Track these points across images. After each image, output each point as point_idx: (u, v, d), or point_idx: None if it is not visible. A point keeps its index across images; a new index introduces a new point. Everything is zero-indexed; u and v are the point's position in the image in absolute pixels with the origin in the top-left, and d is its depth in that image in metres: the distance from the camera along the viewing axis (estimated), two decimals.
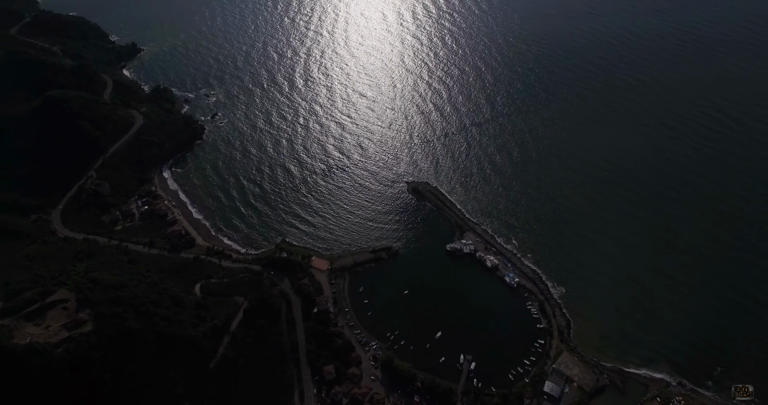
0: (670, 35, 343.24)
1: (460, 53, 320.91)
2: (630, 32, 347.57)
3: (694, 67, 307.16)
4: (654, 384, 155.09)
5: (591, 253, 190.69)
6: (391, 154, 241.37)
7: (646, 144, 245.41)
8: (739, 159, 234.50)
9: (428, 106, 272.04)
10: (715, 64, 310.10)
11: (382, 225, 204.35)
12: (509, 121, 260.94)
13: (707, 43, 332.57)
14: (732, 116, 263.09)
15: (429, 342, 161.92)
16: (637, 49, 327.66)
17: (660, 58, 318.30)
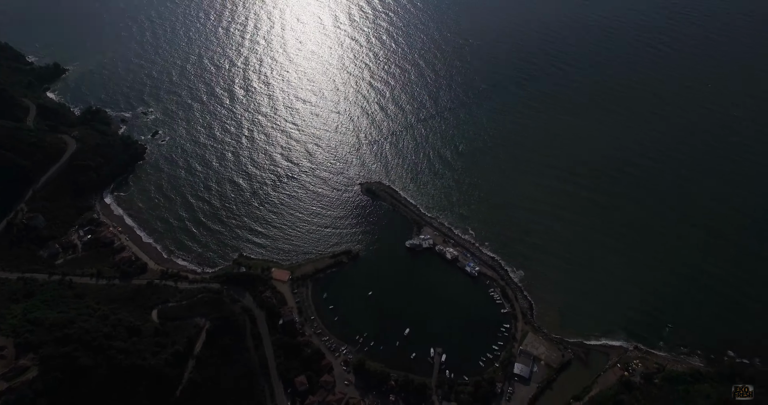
0: (598, 23, 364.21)
1: (399, 52, 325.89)
2: (562, 22, 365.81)
3: (629, 53, 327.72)
4: (614, 352, 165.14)
5: (545, 237, 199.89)
6: (341, 158, 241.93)
7: (589, 128, 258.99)
8: (682, 141, 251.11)
9: (373, 107, 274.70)
10: (653, 48, 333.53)
11: (339, 230, 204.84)
12: (453, 115, 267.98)
13: (635, 29, 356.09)
14: (673, 100, 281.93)
15: (398, 340, 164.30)
16: (571, 38, 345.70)
17: (593, 44, 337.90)
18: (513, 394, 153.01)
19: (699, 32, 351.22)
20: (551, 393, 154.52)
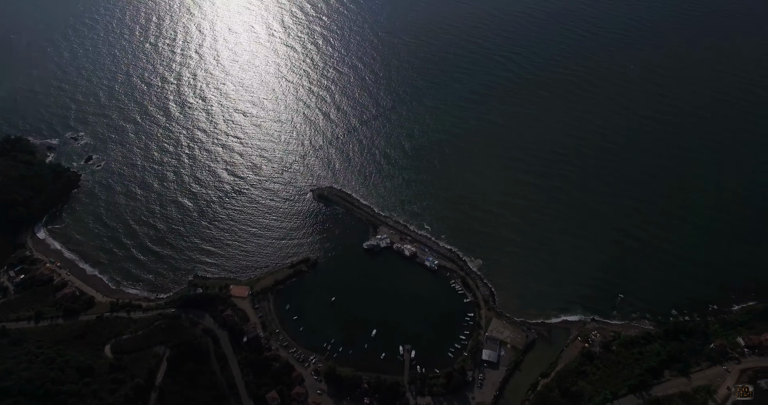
0: (531, 14, 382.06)
1: (336, 56, 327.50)
2: (492, 14, 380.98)
3: (560, 42, 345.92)
4: (573, 327, 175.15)
5: (497, 225, 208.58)
6: (289, 167, 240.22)
7: (528, 116, 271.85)
8: (610, 121, 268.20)
9: (315, 113, 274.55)
10: (582, 35, 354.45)
11: (296, 240, 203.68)
12: (395, 114, 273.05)
13: (565, 18, 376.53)
14: (601, 83, 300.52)
15: (366, 342, 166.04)
16: (502, 30, 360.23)
17: (527, 35, 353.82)
18: (484, 379, 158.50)
19: (625, 19, 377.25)
20: (520, 374, 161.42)
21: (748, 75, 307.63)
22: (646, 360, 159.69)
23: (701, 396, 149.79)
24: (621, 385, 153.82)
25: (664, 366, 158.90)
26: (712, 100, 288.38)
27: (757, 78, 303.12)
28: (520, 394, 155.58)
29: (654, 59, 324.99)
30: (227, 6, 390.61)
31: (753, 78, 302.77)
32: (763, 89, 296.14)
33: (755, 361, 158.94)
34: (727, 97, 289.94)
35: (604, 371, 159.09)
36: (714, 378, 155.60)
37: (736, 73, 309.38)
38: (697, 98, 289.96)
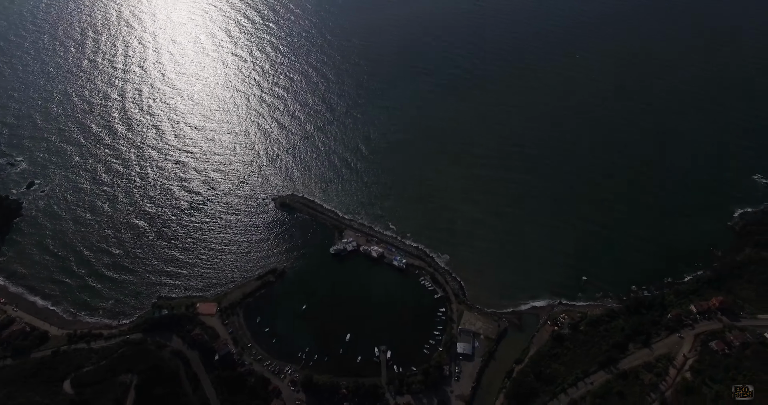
0: (479, 11, 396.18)
1: (286, 62, 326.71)
2: (440, 13, 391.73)
3: (509, 37, 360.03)
4: (542, 311, 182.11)
5: (461, 220, 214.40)
6: (247, 179, 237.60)
7: (479, 110, 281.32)
8: (561, 112, 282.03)
9: (269, 122, 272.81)
10: (531, 29, 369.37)
11: (261, 251, 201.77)
12: (350, 118, 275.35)
13: (511, 13, 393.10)
14: (549, 76, 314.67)
15: (341, 347, 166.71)
16: (451, 28, 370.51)
17: (472, 31, 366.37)
18: (461, 372, 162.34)
19: (569, 12, 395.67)
20: (495, 363, 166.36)
21: (683, 62, 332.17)
22: (612, 336, 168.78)
23: (662, 364, 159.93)
24: (591, 363, 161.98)
25: (629, 340, 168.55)
26: (656, 87, 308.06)
27: (688, 65, 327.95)
28: (497, 383, 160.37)
29: (600, 48, 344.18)
30: (169, 18, 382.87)
31: (684, 64, 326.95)
32: (697, 77, 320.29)
33: (706, 325, 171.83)
34: (669, 84, 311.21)
35: (574, 351, 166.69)
36: (672, 346, 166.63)
37: (676, 62, 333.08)
38: (641, 86, 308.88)
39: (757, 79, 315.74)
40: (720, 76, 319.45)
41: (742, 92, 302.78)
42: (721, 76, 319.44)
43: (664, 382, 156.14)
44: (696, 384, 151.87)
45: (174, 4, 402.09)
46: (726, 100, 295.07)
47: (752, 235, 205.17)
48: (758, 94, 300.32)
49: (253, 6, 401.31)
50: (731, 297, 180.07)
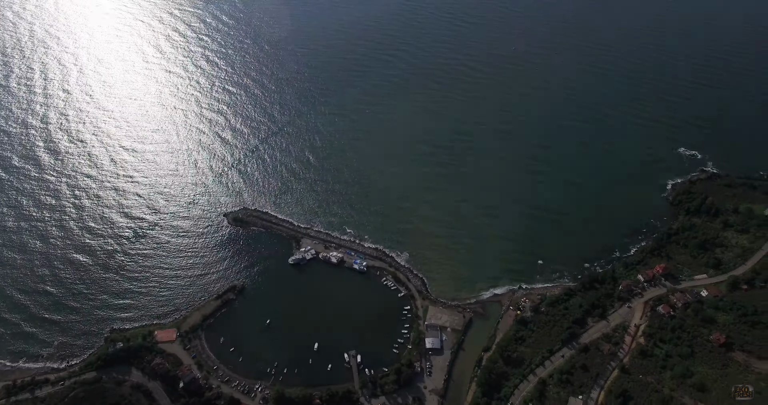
0: (411, 10, 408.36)
1: (223, 75, 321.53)
2: (373, 15, 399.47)
3: (442, 32, 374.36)
4: (504, 298, 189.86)
5: (416, 217, 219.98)
6: (194, 198, 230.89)
7: (422, 108, 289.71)
8: (504, 100, 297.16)
9: (211, 137, 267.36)
10: (461, 24, 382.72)
11: (218, 270, 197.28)
12: (294, 127, 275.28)
13: (442, 10, 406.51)
14: (484, 69, 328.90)
15: (310, 357, 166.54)
16: (385, 28, 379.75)
17: (406, 30, 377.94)
18: (432, 367, 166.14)
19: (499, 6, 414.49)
20: (464, 353, 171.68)
21: (612, 47, 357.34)
22: (572, 313, 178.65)
23: (619, 333, 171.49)
24: (555, 341, 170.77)
25: (587, 315, 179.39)
26: (583, 73, 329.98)
27: (615, 50, 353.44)
28: (468, 373, 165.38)
29: (534, 39, 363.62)
30: (92, 36, 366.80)
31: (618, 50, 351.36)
32: (621, 59, 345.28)
33: (653, 291, 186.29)
34: (597, 69, 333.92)
35: (538, 333, 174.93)
36: (626, 315, 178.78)
37: (605, 48, 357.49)
38: (572, 73, 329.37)
39: (678, 61, 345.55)
40: (643, 58, 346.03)
41: (663, 73, 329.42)
42: (644, 58, 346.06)
43: (621, 349, 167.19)
44: (649, 347, 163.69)
45: (97, 21, 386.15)
46: (649, 81, 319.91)
47: (683, 203, 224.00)
48: (678, 74, 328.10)
49: (182, 19, 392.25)
50: (672, 263, 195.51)
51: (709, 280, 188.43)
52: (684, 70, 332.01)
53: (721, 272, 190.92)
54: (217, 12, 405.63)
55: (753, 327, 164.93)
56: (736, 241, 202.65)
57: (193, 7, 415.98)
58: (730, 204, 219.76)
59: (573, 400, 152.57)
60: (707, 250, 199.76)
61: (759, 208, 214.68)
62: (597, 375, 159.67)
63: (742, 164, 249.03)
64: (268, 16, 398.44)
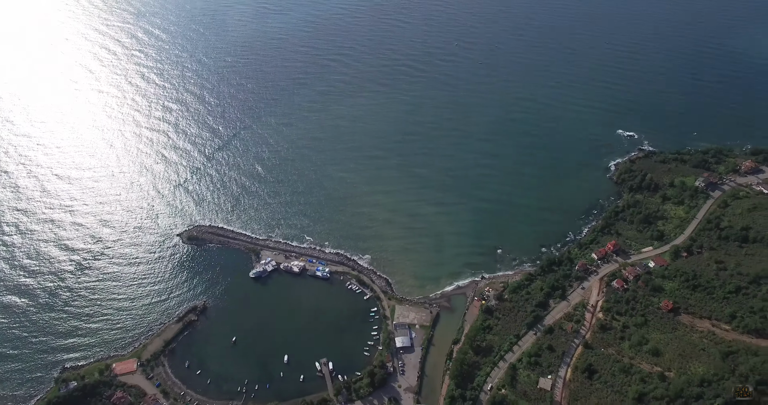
0: (349, 13, 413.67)
1: (161, 92, 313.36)
2: (311, 19, 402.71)
3: (382, 34, 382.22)
4: (468, 289, 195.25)
5: (374, 218, 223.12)
6: (143, 220, 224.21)
7: (370, 110, 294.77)
8: (448, 96, 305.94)
9: (155, 157, 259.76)
10: (397, 25, 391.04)
11: (175, 293, 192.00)
12: (241, 140, 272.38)
13: (377, 12, 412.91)
14: (426, 68, 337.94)
15: (281, 370, 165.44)
16: (326, 32, 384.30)
17: (347, 33, 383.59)
18: (404, 365, 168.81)
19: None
20: (434, 348, 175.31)
21: (549, 40, 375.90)
22: (534, 297, 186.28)
23: (579, 311, 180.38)
24: (521, 326, 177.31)
25: (548, 297, 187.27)
26: (522, 65, 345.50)
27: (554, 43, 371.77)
28: (440, 367, 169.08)
29: (479, 40, 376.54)
30: (10, 55, 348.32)
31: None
32: (555, 51, 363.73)
33: (606, 268, 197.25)
34: (534, 64, 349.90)
35: (504, 320, 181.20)
36: (584, 292, 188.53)
37: (545, 41, 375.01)
38: (513, 65, 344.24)
39: (605, 49, 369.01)
40: (575, 48, 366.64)
41: (594, 61, 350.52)
42: (576, 48, 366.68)
43: (583, 326, 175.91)
44: (607, 321, 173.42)
45: (16, 40, 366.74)
46: (583, 70, 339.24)
47: (626, 182, 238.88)
48: (607, 62, 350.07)
49: (111, 35, 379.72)
50: (621, 239, 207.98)
51: (655, 251, 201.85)
52: (612, 58, 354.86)
53: (664, 243, 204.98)
54: (148, 26, 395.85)
55: (694, 290, 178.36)
56: (674, 213, 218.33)
57: (121, 21, 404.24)
58: (666, 179, 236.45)
59: (543, 381, 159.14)
60: (651, 224, 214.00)
61: (690, 180, 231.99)
62: (563, 353, 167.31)
63: (673, 140, 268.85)
64: (202, 28, 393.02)
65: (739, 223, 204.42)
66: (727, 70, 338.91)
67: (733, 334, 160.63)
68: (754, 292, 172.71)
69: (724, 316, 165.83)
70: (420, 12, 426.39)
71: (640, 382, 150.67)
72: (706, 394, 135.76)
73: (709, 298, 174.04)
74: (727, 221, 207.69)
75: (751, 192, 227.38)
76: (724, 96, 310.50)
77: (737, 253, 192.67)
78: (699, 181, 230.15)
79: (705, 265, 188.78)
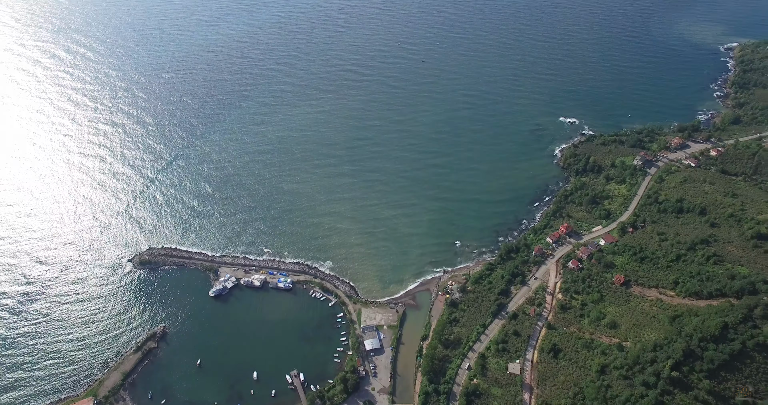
0: (286, 21, 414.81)
1: (98, 110, 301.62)
2: (249, 29, 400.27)
3: (322, 39, 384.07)
4: (431, 285, 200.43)
5: (333, 224, 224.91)
6: (83, 252, 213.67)
7: (318, 116, 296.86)
8: (394, 96, 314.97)
9: (96, 180, 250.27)
10: (338, 30, 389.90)
11: (131, 322, 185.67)
12: (185, 158, 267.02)
13: (317, 19, 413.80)
14: (369, 73, 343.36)
15: (251, 387, 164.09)
16: (266, 41, 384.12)
17: (288, 40, 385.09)
18: (376, 367, 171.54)
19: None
20: (404, 347, 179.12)
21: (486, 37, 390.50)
22: (496, 286, 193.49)
23: (540, 295, 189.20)
24: (486, 315, 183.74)
25: (509, 284, 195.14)
26: (465, 62, 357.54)
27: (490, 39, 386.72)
28: (411, 365, 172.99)
29: (411, 36, 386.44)
30: None
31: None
32: (490, 46, 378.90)
33: (561, 250, 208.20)
34: (476, 59, 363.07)
35: (469, 311, 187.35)
36: (543, 276, 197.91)
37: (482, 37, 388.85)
38: (455, 63, 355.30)
39: (539, 41, 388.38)
40: (511, 42, 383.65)
41: (534, 55, 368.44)
42: (512, 42, 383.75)
43: (545, 309, 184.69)
44: (567, 301, 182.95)
45: None
46: (521, 63, 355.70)
47: (572, 166, 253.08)
48: (542, 54, 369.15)
49: (28, 56, 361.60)
50: (572, 220, 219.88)
51: (604, 229, 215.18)
52: (547, 50, 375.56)
53: (611, 221, 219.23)
54: (71, 44, 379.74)
55: (641, 262, 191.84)
56: (617, 192, 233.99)
57: (38, 40, 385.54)
58: (607, 160, 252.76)
59: (512, 366, 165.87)
60: (598, 204, 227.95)
61: (628, 159, 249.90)
62: (528, 337, 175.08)
63: (610, 124, 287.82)
64: (133, 44, 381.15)
65: (674, 195, 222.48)
66: (647, 55, 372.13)
67: (677, 299, 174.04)
68: (692, 258, 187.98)
69: (669, 284, 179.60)
70: (359, 15, 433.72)
71: (601, 354, 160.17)
72: (659, 358, 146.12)
73: (655, 268, 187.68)
74: (663, 195, 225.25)
75: (681, 166, 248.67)
76: (648, 79, 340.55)
77: (675, 224, 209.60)
78: (636, 160, 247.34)
79: (648, 237, 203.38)
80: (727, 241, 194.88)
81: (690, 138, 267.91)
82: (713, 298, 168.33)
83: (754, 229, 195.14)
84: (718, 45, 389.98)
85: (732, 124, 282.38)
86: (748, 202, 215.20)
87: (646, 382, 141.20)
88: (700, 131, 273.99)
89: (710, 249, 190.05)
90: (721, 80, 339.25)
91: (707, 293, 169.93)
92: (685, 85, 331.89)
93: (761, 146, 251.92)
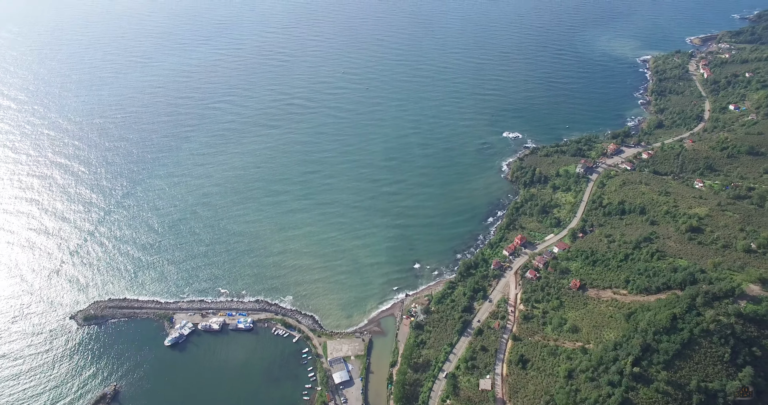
0: (224, 58, 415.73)
1: (22, 162, 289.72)
2: (183, 69, 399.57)
3: (264, 73, 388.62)
4: (395, 309, 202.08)
5: (290, 259, 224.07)
6: (17, 312, 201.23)
7: (265, 150, 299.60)
8: (343, 124, 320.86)
9: (26, 235, 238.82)
10: (279, 63, 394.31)
11: (76, 385, 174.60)
12: (130, 199, 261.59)
13: (258, 52, 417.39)
14: (315, 95, 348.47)
15: None
16: (207, 78, 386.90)
17: (229, 76, 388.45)
18: (347, 401, 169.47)
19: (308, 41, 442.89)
20: (374, 375, 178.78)
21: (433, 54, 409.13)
22: (459, 303, 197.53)
23: (503, 308, 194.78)
24: (452, 334, 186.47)
25: (472, 300, 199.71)
26: (408, 89, 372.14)
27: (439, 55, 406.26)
28: (383, 393, 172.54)
29: (353, 64, 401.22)
30: None
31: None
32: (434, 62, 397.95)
33: (517, 261, 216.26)
34: (418, 82, 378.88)
35: (435, 332, 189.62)
36: (503, 288, 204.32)
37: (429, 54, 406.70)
38: (398, 89, 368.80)
39: (477, 62, 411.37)
40: (448, 65, 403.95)
41: (472, 75, 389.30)
42: (448, 65, 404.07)
43: (509, 321, 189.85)
44: (529, 311, 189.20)
45: None
46: (461, 83, 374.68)
47: (520, 178, 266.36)
48: (484, 75, 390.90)
49: None
50: (525, 231, 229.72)
51: (556, 237, 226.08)
52: (484, 70, 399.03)
53: (562, 228, 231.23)
54: None
55: (594, 265, 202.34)
56: (565, 199, 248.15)
57: None
58: (552, 170, 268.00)
59: (483, 382, 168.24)
60: (548, 213, 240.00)
61: (571, 168, 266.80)
62: (495, 351, 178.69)
63: (551, 135, 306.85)
64: (59, 90, 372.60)
65: (616, 198, 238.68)
66: (577, 70, 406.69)
67: (630, 296, 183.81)
68: (638, 256, 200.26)
69: (621, 283, 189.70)
70: (299, 48, 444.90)
71: (566, 360, 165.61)
72: (620, 355, 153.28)
73: (607, 270, 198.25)
74: (606, 199, 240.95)
75: (619, 170, 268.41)
76: (580, 91, 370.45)
77: (620, 225, 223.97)
78: (578, 167, 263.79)
79: (597, 241, 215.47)
80: (666, 237, 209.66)
81: (623, 143, 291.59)
82: (661, 292, 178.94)
83: (687, 223, 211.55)
84: (636, 57, 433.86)
85: (656, 128, 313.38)
86: (680, 199, 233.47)
87: (611, 382, 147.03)
88: (631, 136, 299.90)
89: (653, 246, 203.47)
90: (642, 89, 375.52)
91: (655, 288, 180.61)
92: (613, 95, 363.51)
93: (683, 147, 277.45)
